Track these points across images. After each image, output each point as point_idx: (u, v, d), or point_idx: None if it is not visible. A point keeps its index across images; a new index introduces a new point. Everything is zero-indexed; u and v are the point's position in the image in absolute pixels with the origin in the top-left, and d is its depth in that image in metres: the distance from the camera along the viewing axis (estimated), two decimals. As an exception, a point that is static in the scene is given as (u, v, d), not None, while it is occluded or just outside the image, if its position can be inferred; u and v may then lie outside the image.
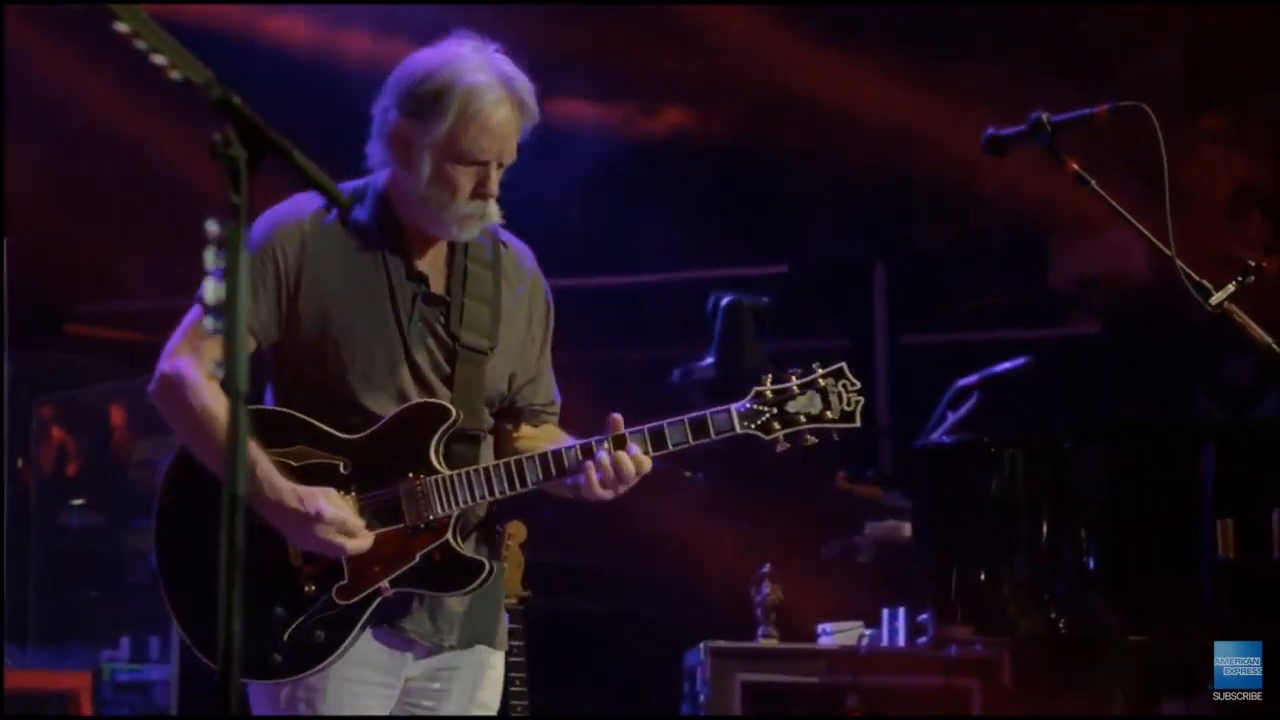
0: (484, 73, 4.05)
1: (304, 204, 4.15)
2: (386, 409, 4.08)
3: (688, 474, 7.54)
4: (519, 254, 4.29)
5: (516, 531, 5.96)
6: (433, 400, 4.11)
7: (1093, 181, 4.67)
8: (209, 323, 2.88)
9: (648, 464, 4.07)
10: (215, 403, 4.01)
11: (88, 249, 7.93)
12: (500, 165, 4.08)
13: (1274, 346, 4.57)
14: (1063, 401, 8.79)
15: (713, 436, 4.10)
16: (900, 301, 9.39)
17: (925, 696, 6.57)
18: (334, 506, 4.00)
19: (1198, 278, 4.64)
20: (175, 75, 2.93)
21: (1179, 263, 4.60)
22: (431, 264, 4.18)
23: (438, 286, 4.17)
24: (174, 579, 4.08)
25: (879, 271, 9.29)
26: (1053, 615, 6.02)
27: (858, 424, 4.16)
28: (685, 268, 9.30)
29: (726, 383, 7.49)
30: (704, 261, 9.29)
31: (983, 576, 6.09)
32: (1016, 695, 6.43)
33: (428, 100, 4.04)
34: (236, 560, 2.79)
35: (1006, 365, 7.62)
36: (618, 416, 4.10)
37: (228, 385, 2.82)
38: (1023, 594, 6.06)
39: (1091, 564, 6.05)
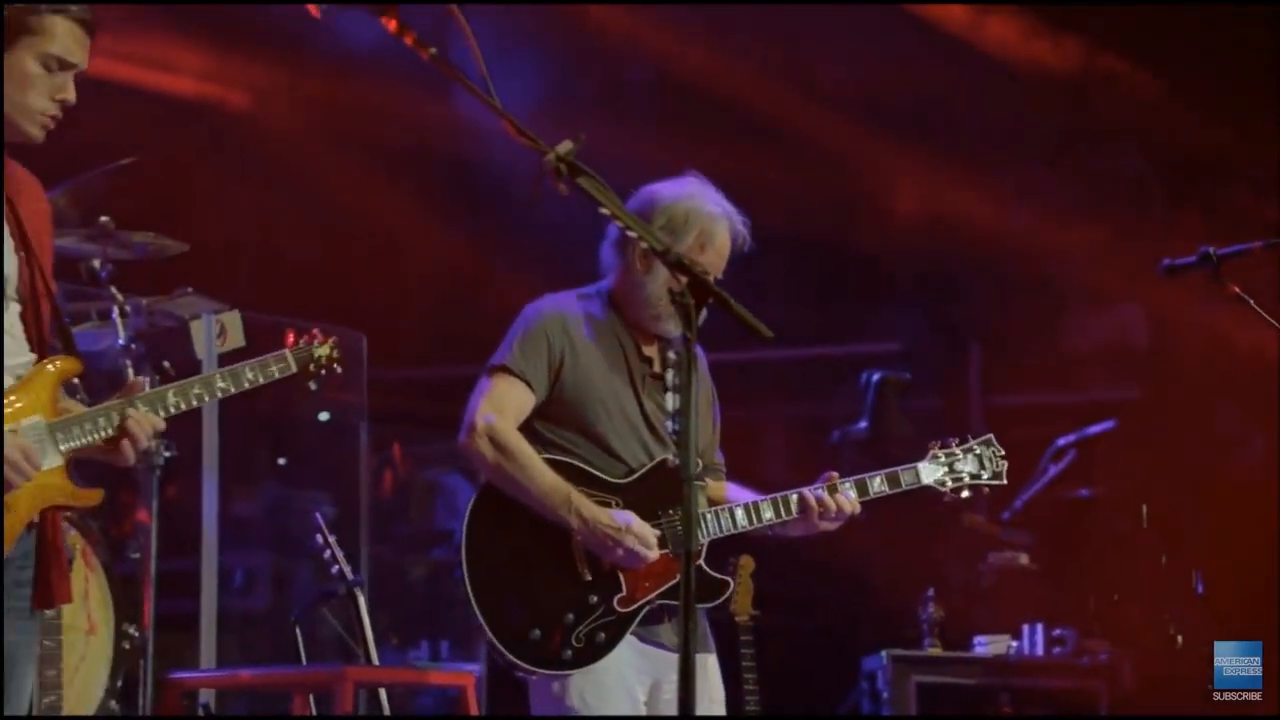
0: (719, 206, 5.04)
1: (563, 302, 5.10)
2: (635, 457, 4.99)
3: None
4: (699, 350, 4.79)
5: (747, 563, 6.91)
6: None
7: (1251, 301, 5.38)
8: (669, 424, 4.02)
9: (858, 506, 5.03)
10: (527, 445, 4.89)
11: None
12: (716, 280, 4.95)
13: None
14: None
15: (903, 487, 5.09)
16: (991, 372, 10.33)
17: (1062, 696, 7.90)
18: (639, 523, 4.86)
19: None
20: (631, 233, 3.70)
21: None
22: (652, 349, 5.15)
23: (658, 367, 5.13)
24: (484, 593, 4.86)
25: (974, 348, 10.45)
26: (1170, 632, 7.50)
27: (1004, 482, 5.22)
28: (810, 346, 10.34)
29: (876, 442, 8.85)
30: (828, 341, 10.39)
31: (1115, 599, 7.59)
32: (1135, 696, 7.75)
33: (676, 224, 4.96)
34: (692, 586, 3.48)
35: (1097, 427, 8.80)
36: (834, 473, 5.08)
37: (682, 471, 3.60)
38: (1145, 614, 7.54)
39: (1199, 590, 7.56)
